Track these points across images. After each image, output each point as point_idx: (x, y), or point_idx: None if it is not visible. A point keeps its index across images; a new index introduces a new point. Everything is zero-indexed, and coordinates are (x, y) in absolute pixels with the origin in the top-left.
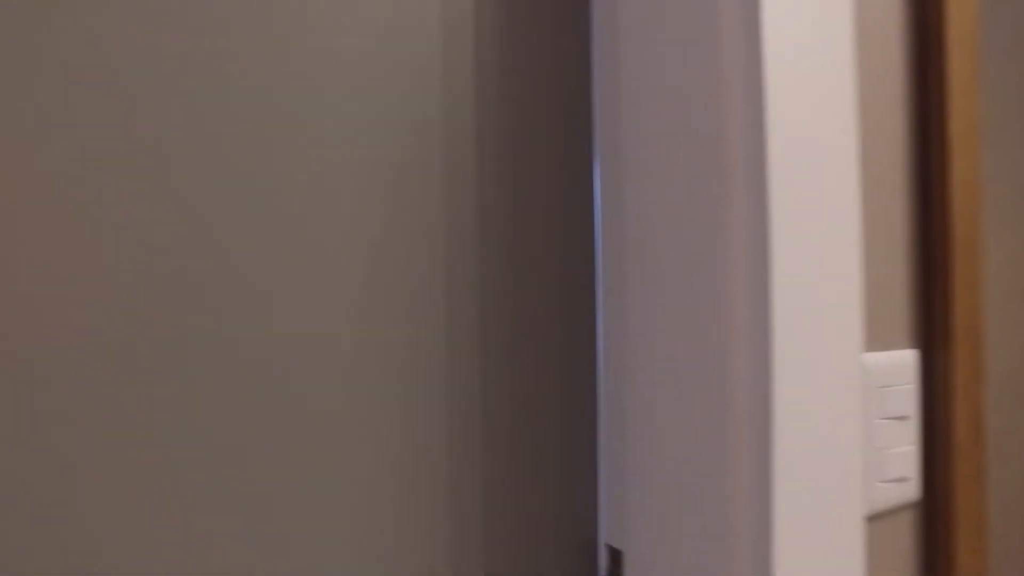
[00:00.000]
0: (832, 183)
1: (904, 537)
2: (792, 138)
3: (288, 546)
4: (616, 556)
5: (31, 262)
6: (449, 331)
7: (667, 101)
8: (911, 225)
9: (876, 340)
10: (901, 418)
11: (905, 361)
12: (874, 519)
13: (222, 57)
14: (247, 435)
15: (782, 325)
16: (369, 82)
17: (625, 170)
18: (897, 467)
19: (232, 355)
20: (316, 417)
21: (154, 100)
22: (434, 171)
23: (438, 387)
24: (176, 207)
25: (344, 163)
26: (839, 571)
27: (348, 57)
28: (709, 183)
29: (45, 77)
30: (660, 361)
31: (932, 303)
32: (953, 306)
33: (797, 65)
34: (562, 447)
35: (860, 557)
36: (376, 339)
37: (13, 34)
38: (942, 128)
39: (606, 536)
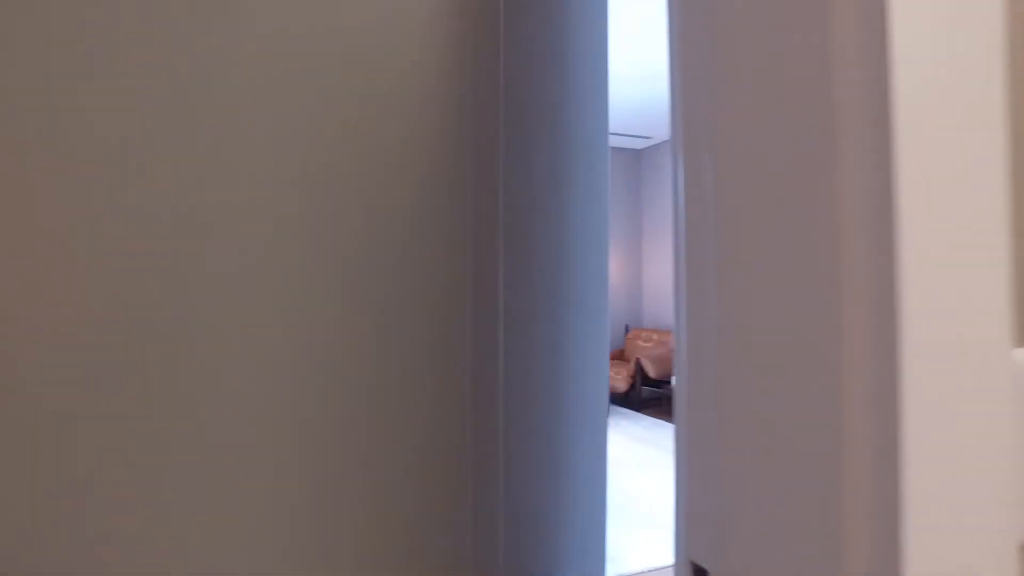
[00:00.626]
0: (972, 139)
1: None
2: (922, 88)
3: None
4: (701, 574)
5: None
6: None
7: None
8: None
9: None
10: None
11: None
12: None
13: (214, 55)
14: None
15: (912, 314)
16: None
17: (714, 154)
18: None
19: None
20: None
21: (140, 104)
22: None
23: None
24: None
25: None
26: None
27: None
28: (817, 143)
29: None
30: (762, 359)
31: None
32: None
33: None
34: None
35: None
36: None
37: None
38: None
39: (688, 552)
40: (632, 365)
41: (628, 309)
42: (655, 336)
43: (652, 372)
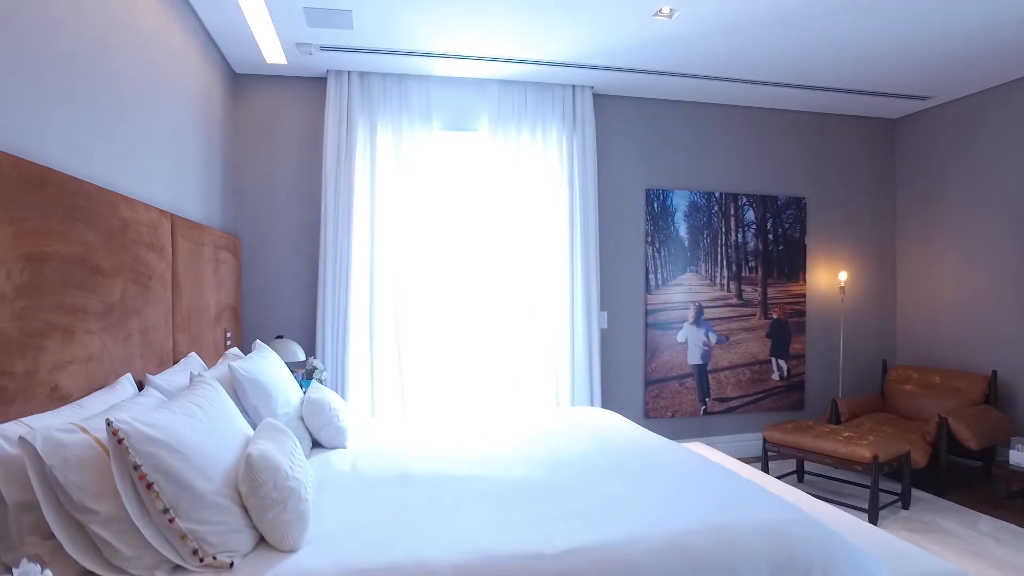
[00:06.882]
0: None
1: None
2: None
3: None
4: None
5: None
6: None
7: None
8: None
9: None
10: None
11: None
12: None
13: None
14: None
15: None
16: None
17: None
18: None
19: None
20: None
21: None
22: None
23: None
24: None
25: None
26: None
27: None
28: None
29: None
30: None
31: None
32: None
33: None
34: None
35: None
36: None
37: None
38: None
39: None
40: (933, 427)
41: (878, 337)
42: (936, 377)
43: (973, 441)
